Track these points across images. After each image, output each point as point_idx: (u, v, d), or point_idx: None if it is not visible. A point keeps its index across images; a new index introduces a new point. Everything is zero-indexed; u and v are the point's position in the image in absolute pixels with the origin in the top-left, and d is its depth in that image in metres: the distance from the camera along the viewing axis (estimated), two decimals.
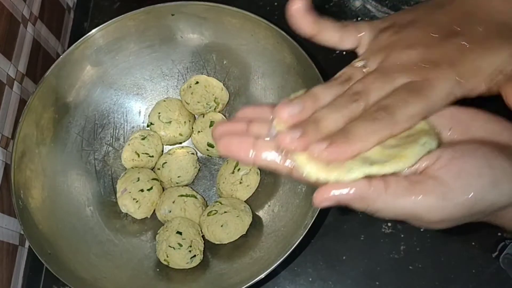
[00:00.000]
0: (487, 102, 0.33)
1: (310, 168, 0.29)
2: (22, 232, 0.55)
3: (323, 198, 0.29)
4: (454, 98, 0.31)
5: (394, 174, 0.29)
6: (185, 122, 0.60)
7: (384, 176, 0.29)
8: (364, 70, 0.33)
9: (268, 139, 0.31)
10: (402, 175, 0.29)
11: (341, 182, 0.29)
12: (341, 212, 0.57)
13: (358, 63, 0.33)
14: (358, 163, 0.29)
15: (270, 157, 0.31)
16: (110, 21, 0.55)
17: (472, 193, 0.28)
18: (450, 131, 0.31)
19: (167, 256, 0.53)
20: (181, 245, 0.53)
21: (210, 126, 0.59)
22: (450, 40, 0.32)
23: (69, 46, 0.56)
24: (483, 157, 0.29)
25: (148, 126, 0.62)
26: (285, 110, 0.31)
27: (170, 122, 0.60)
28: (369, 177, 0.29)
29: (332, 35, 0.34)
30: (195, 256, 0.54)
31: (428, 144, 0.30)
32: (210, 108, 0.60)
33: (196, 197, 0.58)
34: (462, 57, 0.31)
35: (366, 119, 0.30)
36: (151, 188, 0.57)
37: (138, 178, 0.57)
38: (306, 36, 0.34)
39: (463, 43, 0.32)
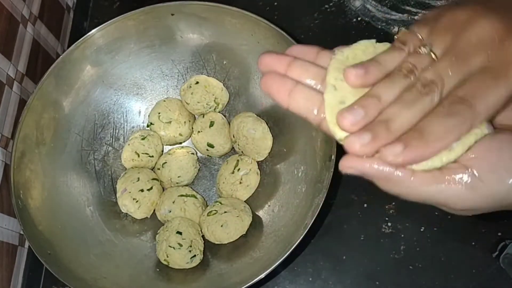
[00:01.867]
0: None
1: (339, 131, 0.28)
2: (22, 232, 0.55)
3: (350, 165, 0.28)
4: None
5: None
6: (185, 122, 0.60)
7: None
8: (432, 55, 0.29)
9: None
10: None
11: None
12: (342, 212, 0.57)
13: (422, 49, 0.29)
14: None
15: (304, 104, 0.30)
16: (110, 21, 0.55)
17: (504, 188, 0.27)
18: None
19: (167, 256, 0.53)
20: (181, 245, 0.53)
21: (210, 126, 0.59)
22: None
23: (69, 46, 0.56)
24: None
25: (148, 126, 0.62)
26: (347, 119, 0.27)
27: (170, 122, 0.60)
28: None
29: (400, 58, 0.30)
30: (195, 256, 0.54)
31: (480, 133, 0.28)
32: (210, 108, 0.60)
33: (196, 197, 0.58)
34: None
35: (442, 115, 0.26)
36: (151, 188, 0.57)
37: (138, 178, 0.57)
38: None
39: None
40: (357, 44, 0.31)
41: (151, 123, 0.61)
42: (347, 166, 0.28)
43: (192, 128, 0.61)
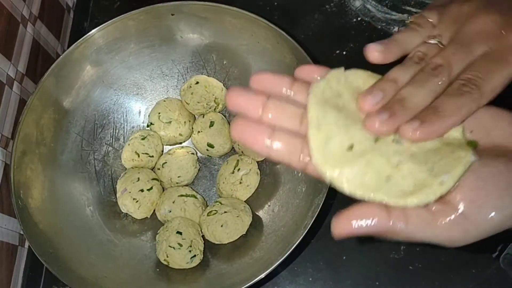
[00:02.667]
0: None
1: (329, 170, 0.28)
2: (22, 232, 0.55)
3: (342, 230, 0.29)
4: None
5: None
6: (185, 122, 0.60)
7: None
8: (440, 45, 0.32)
9: (298, 99, 0.30)
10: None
11: (358, 208, 0.28)
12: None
13: (431, 40, 0.32)
14: (378, 185, 0.28)
15: (286, 150, 0.29)
16: (110, 21, 0.55)
17: (493, 225, 0.28)
18: (471, 134, 0.30)
19: (167, 256, 0.53)
20: (181, 245, 0.53)
21: (210, 126, 0.59)
22: None
23: (69, 46, 0.56)
24: (506, 186, 0.28)
25: (148, 126, 0.62)
26: (368, 101, 0.29)
27: (170, 122, 0.60)
28: (388, 206, 0.28)
29: (416, 39, 0.33)
30: (195, 256, 0.54)
31: (468, 161, 0.28)
32: (210, 108, 0.60)
33: (196, 197, 0.58)
34: None
35: (453, 94, 0.29)
36: (151, 188, 0.57)
37: (138, 178, 0.57)
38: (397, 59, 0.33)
39: None
40: (329, 75, 0.31)
41: (151, 123, 0.61)
42: (340, 231, 0.29)
43: (192, 128, 0.61)
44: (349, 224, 0.28)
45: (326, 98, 0.30)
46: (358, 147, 0.29)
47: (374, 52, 0.31)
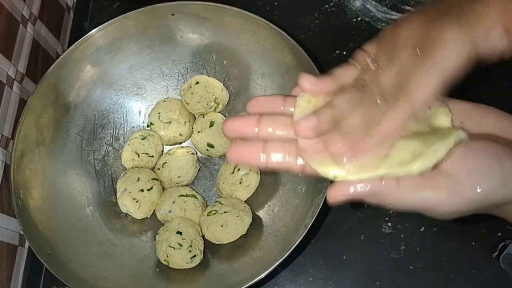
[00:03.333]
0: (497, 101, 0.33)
1: (329, 169, 0.30)
2: (22, 232, 0.55)
3: (338, 196, 0.30)
4: (470, 56, 0.29)
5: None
6: (185, 122, 0.60)
7: None
8: (379, 70, 0.32)
9: (291, 111, 0.32)
10: None
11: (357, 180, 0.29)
12: (342, 212, 0.57)
13: (371, 66, 0.32)
14: (379, 163, 0.29)
15: (282, 158, 0.31)
16: (110, 21, 0.55)
17: (482, 191, 0.28)
18: (461, 125, 0.31)
19: (167, 256, 0.53)
20: (181, 245, 0.53)
21: (210, 126, 0.59)
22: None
23: (69, 46, 0.56)
24: (495, 156, 0.29)
25: (148, 126, 0.62)
26: (303, 123, 0.31)
27: (170, 122, 0.60)
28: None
29: (353, 73, 0.33)
30: (195, 256, 0.54)
31: (458, 136, 0.30)
32: (210, 108, 0.60)
33: (196, 197, 0.58)
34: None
35: (383, 110, 0.29)
36: (151, 188, 0.57)
37: (138, 178, 0.57)
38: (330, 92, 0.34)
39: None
40: (298, 101, 0.33)
41: (151, 123, 0.61)
42: (335, 196, 0.30)
43: (192, 128, 0.61)
44: (345, 188, 0.30)
45: (312, 106, 0.32)
46: None
47: (306, 82, 0.32)
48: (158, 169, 0.60)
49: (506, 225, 0.54)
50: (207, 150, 0.60)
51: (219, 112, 0.61)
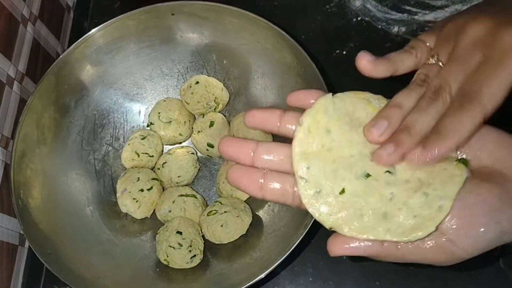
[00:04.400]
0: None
1: (328, 219, 0.30)
2: (22, 232, 0.55)
3: (338, 251, 0.30)
4: None
5: None
6: (185, 122, 0.60)
7: None
8: (439, 63, 0.32)
9: (292, 133, 0.32)
10: None
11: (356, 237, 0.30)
12: None
13: (430, 60, 0.33)
14: (377, 225, 0.29)
15: (278, 195, 0.31)
16: (110, 20, 0.55)
17: (479, 249, 0.29)
18: (458, 155, 0.31)
19: (167, 256, 0.53)
20: (181, 245, 0.53)
21: (210, 126, 0.59)
22: None
23: (69, 45, 0.56)
24: (491, 211, 0.29)
25: (148, 126, 0.62)
26: (373, 133, 0.30)
27: (170, 122, 0.60)
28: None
29: (409, 61, 0.34)
30: (195, 256, 0.54)
31: (461, 180, 0.29)
32: (210, 108, 0.60)
33: (196, 197, 0.58)
34: None
35: (453, 112, 0.29)
36: (151, 188, 0.57)
37: (138, 178, 0.57)
38: (386, 77, 0.33)
39: None
40: (316, 105, 0.32)
41: (151, 123, 0.61)
42: (334, 250, 0.31)
43: (192, 128, 0.61)
44: (345, 245, 0.30)
45: (311, 148, 0.31)
46: (350, 188, 0.30)
47: (363, 60, 0.32)
48: (158, 169, 0.60)
49: None
50: (207, 150, 0.60)
51: (219, 112, 0.61)
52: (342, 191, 0.30)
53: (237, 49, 0.59)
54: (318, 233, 0.57)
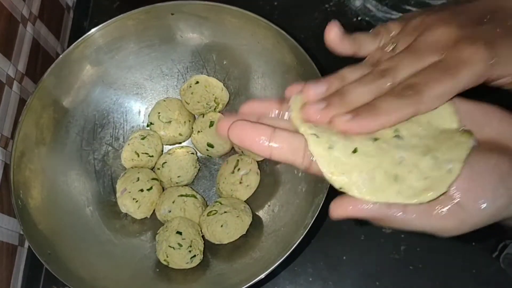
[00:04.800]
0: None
1: (339, 179, 0.28)
2: (21, 232, 0.55)
3: (342, 212, 0.29)
4: (487, 79, 0.30)
5: None
6: (185, 122, 0.60)
7: None
8: (396, 52, 0.32)
9: (286, 118, 0.31)
10: None
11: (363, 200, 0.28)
12: None
13: (388, 47, 0.33)
14: (388, 187, 0.28)
15: (289, 150, 0.29)
16: (110, 20, 0.55)
17: (487, 215, 0.29)
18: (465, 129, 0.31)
19: (167, 256, 0.53)
20: (181, 245, 0.53)
21: (210, 126, 0.59)
22: (485, 24, 0.31)
23: (68, 45, 0.56)
24: (500, 178, 0.28)
25: (148, 126, 0.62)
26: (312, 89, 0.30)
27: (170, 122, 0.60)
28: None
29: (370, 46, 0.34)
30: (195, 256, 0.54)
31: (468, 146, 0.29)
32: (210, 108, 0.60)
33: (196, 197, 0.58)
34: (499, 39, 0.30)
35: (392, 95, 0.29)
36: (151, 188, 0.57)
37: (138, 178, 0.57)
38: (347, 55, 0.34)
39: (497, 29, 0.31)
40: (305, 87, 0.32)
41: (151, 123, 0.61)
42: (337, 212, 0.29)
43: (192, 128, 0.61)
44: (349, 207, 0.29)
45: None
46: (362, 149, 0.29)
47: (332, 33, 0.33)
48: (158, 169, 0.60)
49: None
50: (207, 150, 0.60)
51: (219, 112, 0.61)
52: (355, 150, 0.29)
53: (237, 49, 0.59)
54: (318, 233, 0.57)
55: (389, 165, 0.29)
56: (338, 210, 0.29)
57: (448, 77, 0.29)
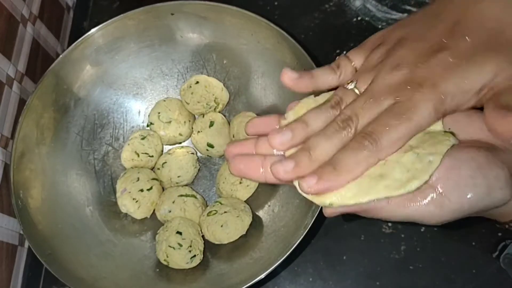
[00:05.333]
0: None
1: (325, 198, 0.31)
2: (21, 232, 0.55)
3: (331, 212, 0.32)
4: (441, 115, 0.32)
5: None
6: (185, 122, 0.60)
7: None
8: (356, 91, 0.34)
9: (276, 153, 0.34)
10: None
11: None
12: None
13: (349, 85, 0.35)
14: (375, 185, 0.30)
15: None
16: (110, 20, 0.55)
17: (467, 202, 0.30)
18: (449, 131, 0.32)
19: (167, 256, 0.53)
20: (181, 245, 0.53)
21: (210, 126, 0.59)
22: (436, 56, 0.32)
23: (68, 45, 0.56)
24: (478, 167, 0.30)
25: (148, 126, 0.62)
26: (276, 138, 0.33)
27: (170, 122, 0.60)
28: None
29: (331, 80, 0.36)
30: (195, 256, 0.54)
31: (449, 143, 0.31)
32: (210, 108, 0.60)
33: (196, 197, 0.58)
34: (447, 74, 0.32)
35: (352, 149, 0.31)
36: (151, 188, 0.57)
37: (138, 178, 0.57)
38: (308, 92, 0.36)
39: (449, 59, 0.32)
40: (301, 103, 0.35)
41: (151, 123, 0.61)
42: (330, 212, 0.32)
43: (192, 128, 0.61)
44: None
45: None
46: None
47: (286, 76, 0.36)
48: (158, 169, 0.60)
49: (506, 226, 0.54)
50: (207, 150, 0.60)
51: (219, 112, 0.61)
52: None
53: (237, 49, 0.59)
54: (318, 233, 0.57)
55: (373, 169, 0.31)
56: (330, 210, 0.32)
57: (403, 121, 0.31)
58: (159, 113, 0.60)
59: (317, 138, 0.32)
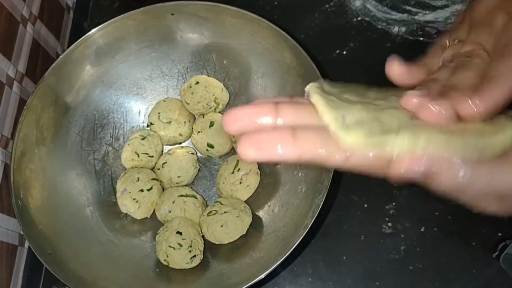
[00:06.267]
0: None
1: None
2: (21, 232, 0.55)
3: (402, 173, 0.25)
4: None
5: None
6: (185, 122, 0.60)
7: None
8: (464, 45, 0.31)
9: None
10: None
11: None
12: (341, 212, 0.57)
13: (451, 42, 0.32)
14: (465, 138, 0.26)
15: (319, 147, 0.24)
16: (110, 21, 0.55)
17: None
18: None
19: (167, 256, 0.53)
20: (181, 245, 0.53)
21: (210, 126, 0.59)
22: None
23: (68, 46, 0.56)
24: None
25: (148, 126, 0.62)
26: (412, 95, 0.26)
27: (170, 122, 0.60)
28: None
29: (435, 64, 0.32)
30: (195, 256, 0.54)
31: None
32: (210, 109, 0.60)
33: (196, 197, 0.58)
34: None
35: (497, 60, 0.27)
36: (151, 188, 0.57)
37: (138, 178, 0.57)
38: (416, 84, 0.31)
39: None
40: (310, 86, 0.29)
41: (151, 123, 0.61)
42: (407, 170, 0.25)
43: (192, 128, 0.61)
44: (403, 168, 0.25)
45: (331, 94, 0.28)
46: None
47: (394, 69, 0.30)
48: (158, 169, 0.60)
49: (506, 225, 0.54)
50: (207, 150, 0.60)
51: (219, 112, 0.61)
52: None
53: (237, 49, 0.59)
54: (318, 233, 0.57)
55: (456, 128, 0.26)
56: (408, 165, 0.25)
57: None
58: (159, 113, 0.60)
59: (454, 75, 0.28)
